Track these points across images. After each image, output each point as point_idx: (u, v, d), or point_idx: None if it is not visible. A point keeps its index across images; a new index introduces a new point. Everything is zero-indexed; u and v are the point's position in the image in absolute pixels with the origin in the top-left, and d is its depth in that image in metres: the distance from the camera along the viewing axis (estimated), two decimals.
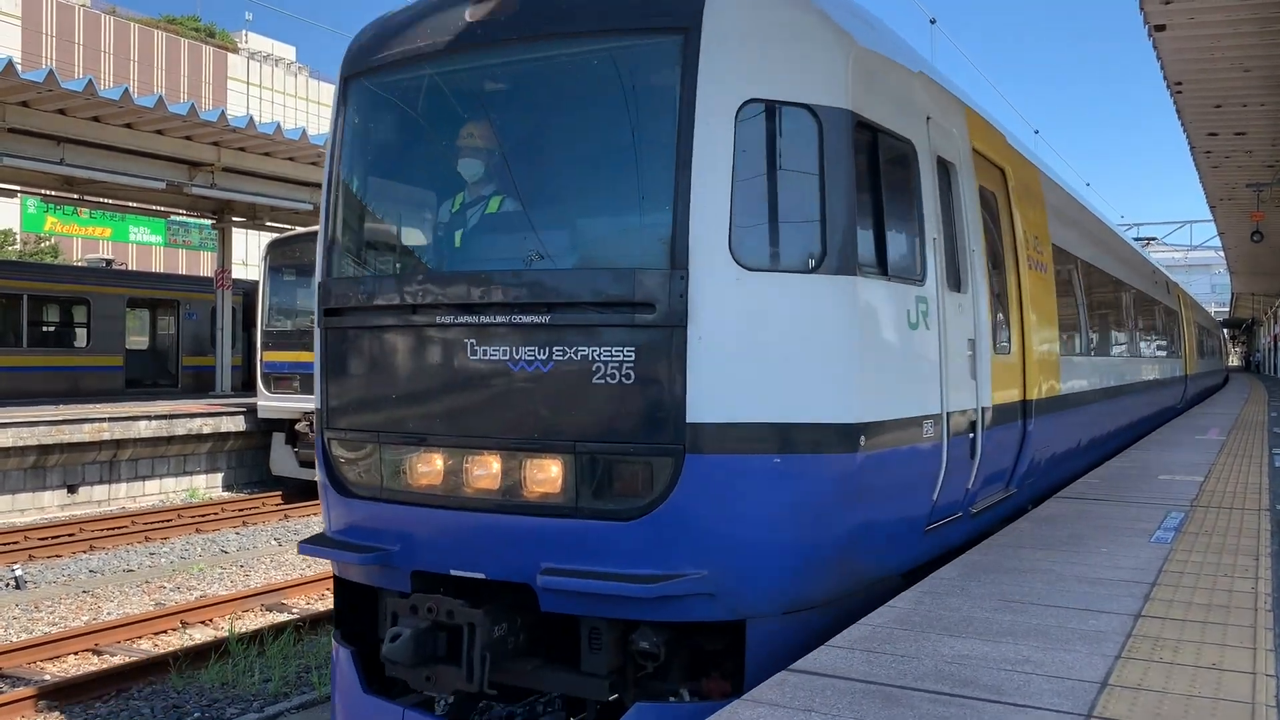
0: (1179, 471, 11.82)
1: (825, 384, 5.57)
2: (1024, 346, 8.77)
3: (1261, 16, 12.06)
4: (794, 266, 5.63)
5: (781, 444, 5.44)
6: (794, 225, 5.78)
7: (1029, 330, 8.91)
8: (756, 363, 5.44)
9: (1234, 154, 19.53)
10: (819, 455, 5.52)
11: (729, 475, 5.36)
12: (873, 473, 5.76)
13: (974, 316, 7.33)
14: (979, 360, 7.31)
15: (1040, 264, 9.72)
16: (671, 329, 5.34)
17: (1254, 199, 23.25)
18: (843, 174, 5.67)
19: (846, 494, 5.64)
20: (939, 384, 6.54)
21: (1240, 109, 16.20)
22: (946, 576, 6.36)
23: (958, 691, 4.28)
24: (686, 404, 5.29)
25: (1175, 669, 4.60)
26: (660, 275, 5.38)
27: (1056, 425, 9.96)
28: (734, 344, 5.41)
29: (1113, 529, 8.02)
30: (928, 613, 5.50)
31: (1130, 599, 5.82)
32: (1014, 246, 8.82)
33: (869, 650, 4.83)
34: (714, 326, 5.35)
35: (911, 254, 6.49)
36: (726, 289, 5.39)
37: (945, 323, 6.69)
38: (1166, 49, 13.31)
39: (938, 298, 6.61)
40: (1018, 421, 8.50)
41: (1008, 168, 8.96)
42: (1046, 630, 5.18)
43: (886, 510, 6.10)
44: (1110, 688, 4.35)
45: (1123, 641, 5.00)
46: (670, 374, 5.32)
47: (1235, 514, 8.80)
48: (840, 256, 5.60)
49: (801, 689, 4.31)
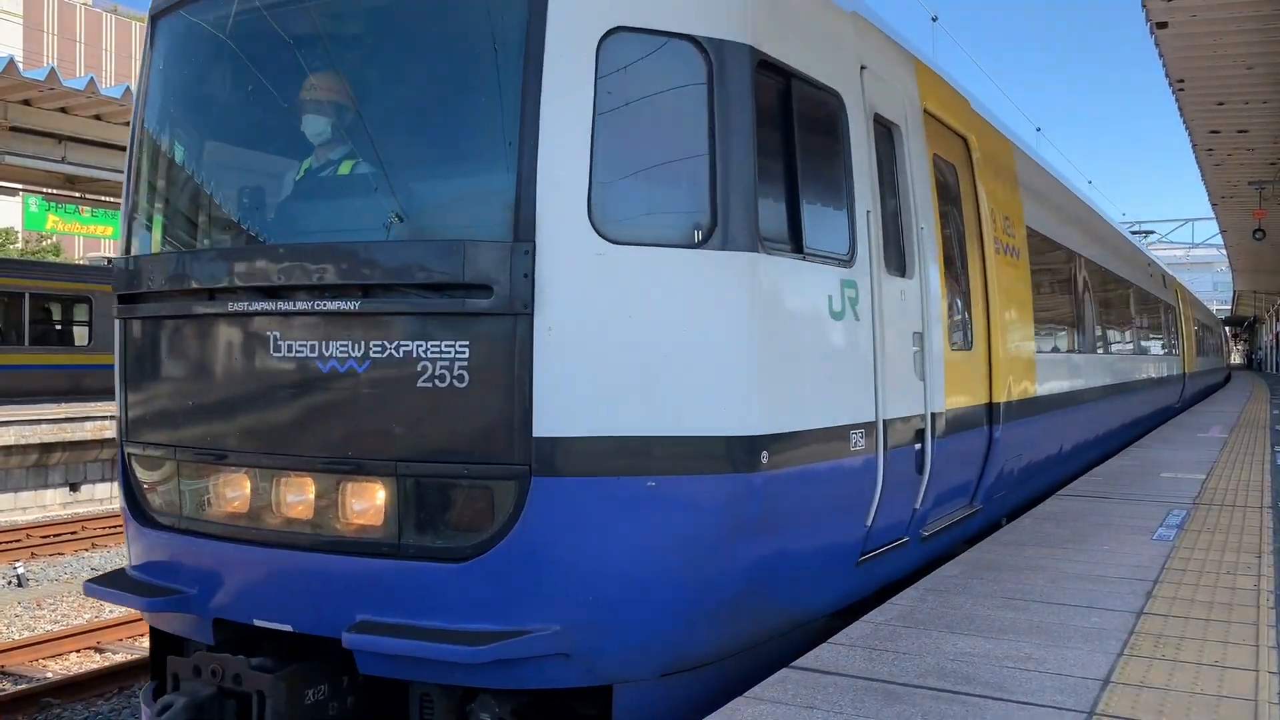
0: (1181, 469, 11.82)
1: (715, 388, 4.56)
2: (990, 342, 7.86)
3: (1263, 14, 12.04)
4: (674, 239, 4.59)
5: (658, 463, 4.43)
6: (675, 187, 4.74)
7: (996, 323, 7.98)
8: (625, 361, 4.43)
9: (1236, 151, 19.49)
10: (707, 477, 4.51)
11: (588, 503, 4.37)
12: (780, 496, 4.79)
13: (922, 306, 6.34)
14: (928, 358, 6.34)
15: (1012, 249, 8.77)
16: (514, 318, 4.32)
17: (1256, 196, 23.22)
18: (739, 124, 4.64)
19: (744, 524, 4.65)
20: (872, 386, 5.60)
21: (1242, 106, 16.17)
22: (949, 574, 6.35)
23: (960, 689, 4.28)
24: (533, 414, 4.29)
25: (1178, 666, 4.60)
26: (499, 250, 4.32)
27: (1032, 430, 9.02)
28: (595, 337, 4.41)
29: (1115, 526, 8.02)
30: (930, 610, 5.50)
31: (1133, 596, 5.81)
32: (978, 227, 7.88)
33: (871, 647, 4.83)
34: (568, 315, 4.36)
35: (836, 229, 5.46)
36: (585, 267, 4.39)
37: (882, 313, 5.72)
38: (1168, 46, 13.28)
39: (873, 283, 5.64)
40: (983, 428, 7.63)
41: (971, 137, 7.99)
42: (1049, 628, 5.18)
43: (801, 541, 5.11)
44: (1113, 685, 4.34)
45: (1125, 639, 4.99)
46: (512, 376, 4.31)
47: (1237, 512, 8.79)
48: (736, 228, 4.59)
49: (803, 686, 4.30)
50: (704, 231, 4.59)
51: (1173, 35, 12.81)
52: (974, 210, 7.90)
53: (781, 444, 4.77)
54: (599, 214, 4.43)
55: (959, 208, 7.59)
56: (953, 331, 7.11)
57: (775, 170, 4.99)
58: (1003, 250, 8.43)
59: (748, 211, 4.64)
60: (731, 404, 4.59)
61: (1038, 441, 9.43)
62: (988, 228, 8.01)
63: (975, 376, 7.49)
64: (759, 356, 4.66)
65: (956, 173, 7.60)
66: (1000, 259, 8.29)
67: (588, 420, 4.36)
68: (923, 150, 6.69)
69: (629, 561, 4.45)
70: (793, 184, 5.10)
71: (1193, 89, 15.22)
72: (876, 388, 5.63)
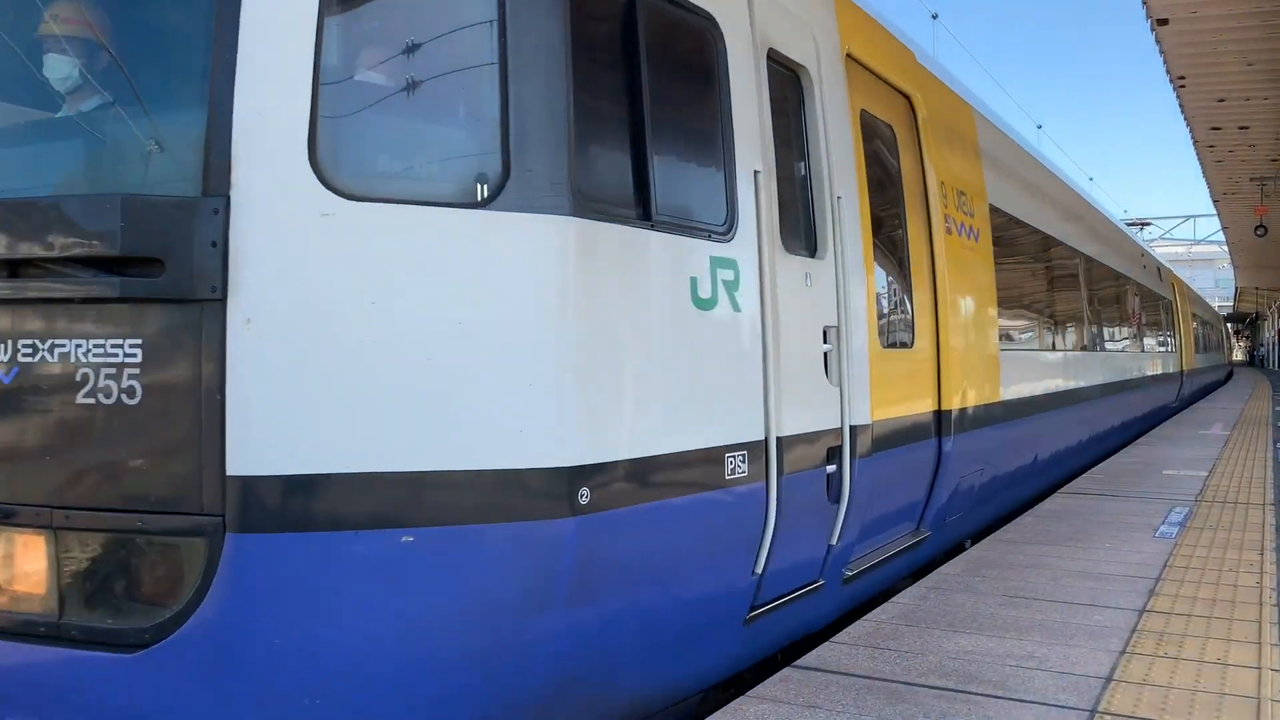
0: (1183, 466, 11.81)
1: (507, 403, 3.36)
2: (939, 338, 6.75)
3: (1264, 10, 12.03)
4: (445, 195, 3.43)
5: (419, 510, 3.25)
6: (446, 122, 3.63)
7: (948, 316, 6.83)
8: (365, 367, 3.23)
9: (1237, 148, 19.48)
10: (496, 527, 3.34)
11: (311, 569, 3.17)
12: (612, 545, 3.65)
13: (839, 294, 5.22)
14: (847, 357, 5.24)
15: (970, 229, 7.57)
16: (199, 306, 3.14)
17: (1258, 193, 23.21)
18: (545, 39, 3.46)
19: (555, 588, 3.48)
20: (760, 396, 4.43)
21: (1243, 103, 16.16)
22: (951, 572, 6.35)
23: (962, 687, 4.28)
24: (226, 443, 3.12)
25: (1180, 664, 4.59)
26: (172, 207, 3.14)
27: (996, 439, 7.86)
28: (319, 333, 3.21)
29: (1117, 524, 8.01)
30: (932, 608, 5.50)
31: (1135, 594, 5.81)
32: (923, 202, 6.75)
33: (873, 646, 4.83)
34: (279, 301, 3.18)
35: (707, 192, 4.30)
36: (305, 232, 3.21)
37: (776, 301, 4.57)
38: (1169, 43, 13.28)
39: (763, 263, 4.48)
40: (930, 440, 6.54)
41: (916, 95, 6.80)
42: (1051, 626, 5.18)
43: (653, 601, 3.97)
44: (1115, 683, 4.34)
45: (1128, 637, 4.99)
46: (197, 389, 3.14)
47: (1240, 509, 8.79)
48: (539, 181, 3.40)
49: (806, 685, 4.30)
50: (491, 185, 3.40)
51: (1173, 32, 12.81)
52: (918, 181, 6.74)
53: (611, 476, 3.58)
54: (328, 158, 3.22)
55: (898, 177, 6.43)
56: (886, 326, 6.08)
57: (610, 109, 3.84)
58: (957, 230, 7.22)
59: (557, 159, 3.43)
60: (532, 425, 3.37)
61: (1004, 452, 8.28)
62: (936, 203, 6.84)
63: (918, 379, 6.41)
64: (575, 358, 3.45)
65: (895, 135, 6.45)
66: (953, 240, 7.10)
67: (309, 452, 3.14)
68: (843, 103, 5.51)
69: (374, 651, 3.23)
70: (638, 130, 3.89)
71: (1194, 86, 15.21)
72: (767, 397, 4.46)
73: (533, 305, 3.44)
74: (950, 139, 7.46)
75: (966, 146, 7.92)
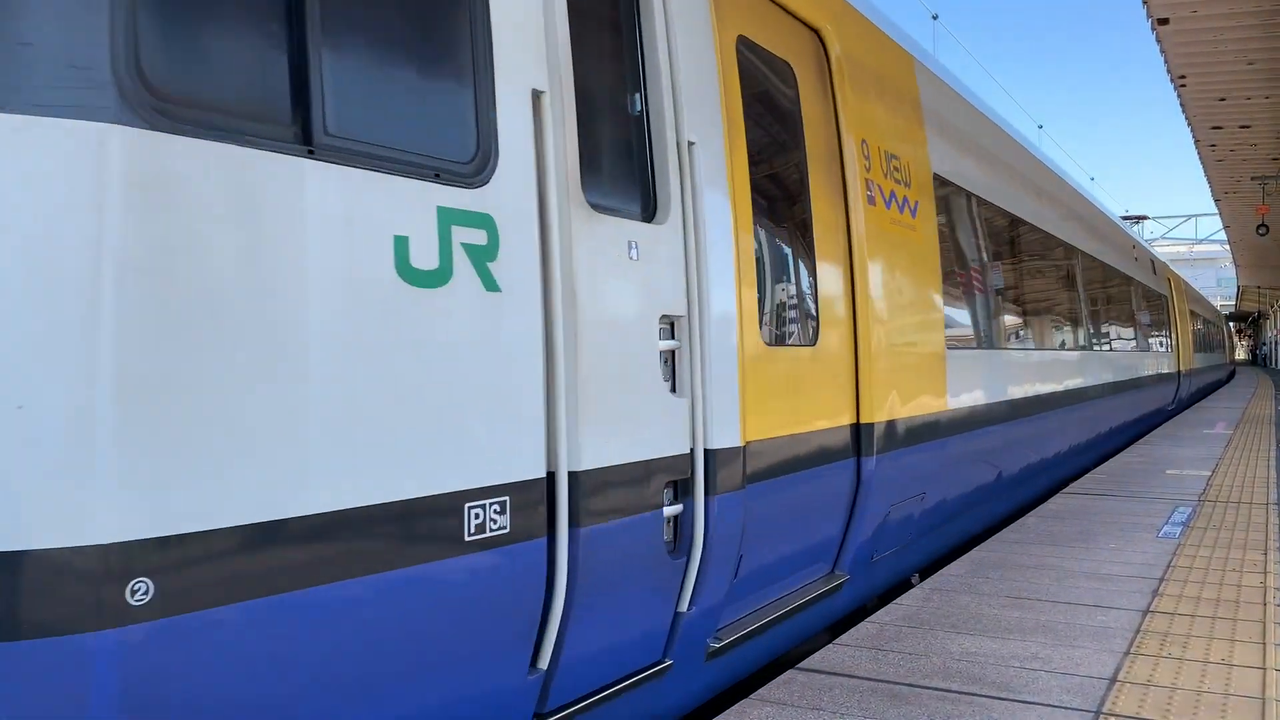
0: (1186, 466, 11.80)
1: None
2: (858, 333, 5.53)
3: (1264, 9, 12.02)
4: None
5: None
6: None
7: (870, 305, 5.59)
8: None
9: (1238, 147, 19.47)
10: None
11: None
12: (218, 671, 2.35)
13: (693, 272, 3.96)
14: (701, 357, 3.99)
15: (904, 202, 6.27)
16: None
17: (1259, 192, 23.19)
18: None
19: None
20: (539, 414, 3.21)
21: (1244, 102, 16.15)
22: (954, 574, 6.34)
23: (966, 689, 4.27)
24: None
25: (1185, 665, 4.58)
26: None
27: (940, 457, 6.60)
28: None
29: (1120, 524, 8.00)
30: (935, 610, 5.49)
31: (1138, 595, 5.80)
32: (835, 161, 5.50)
33: (876, 648, 4.82)
34: None
35: (436, 110, 3.03)
36: None
37: (574, 277, 3.40)
38: (1170, 43, 13.27)
39: (545, 222, 3.30)
40: (845, 461, 5.33)
41: (828, 29, 5.54)
42: (1055, 627, 5.17)
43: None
44: (1119, 684, 4.33)
45: (1131, 637, 4.98)
46: None
47: (1243, 508, 8.78)
48: (53, 63, 2.21)
49: (809, 687, 4.29)
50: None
51: (1174, 31, 12.80)
52: (828, 136, 5.46)
53: (199, 556, 2.30)
54: None
55: (798, 128, 5.17)
56: (773, 317, 4.79)
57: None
58: (884, 200, 5.92)
59: (88, 25, 2.21)
60: (39, 477, 2.13)
61: (955, 471, 7.02)
62: (855, 164, 5.57)
63: (826, 385, 5.16)
64: (123, 362, 2.20)
65: (796, 76, 5.20)
66: (877, 213, 5.80)
67: None
68: (704, 22, 4.27)
69: None
70: (292, 10, 2.64)
71: (1194, 85, 15.20)
72: (553, 416, 3.28)
73: (41, 275, 2.14)
74: (879, 90, 6.10)
75: (903, 102, 6.54)
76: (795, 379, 4.86)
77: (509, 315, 3.12)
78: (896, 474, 5.86)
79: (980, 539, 8.42)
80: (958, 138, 7.79)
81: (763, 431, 4.51)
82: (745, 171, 4.54)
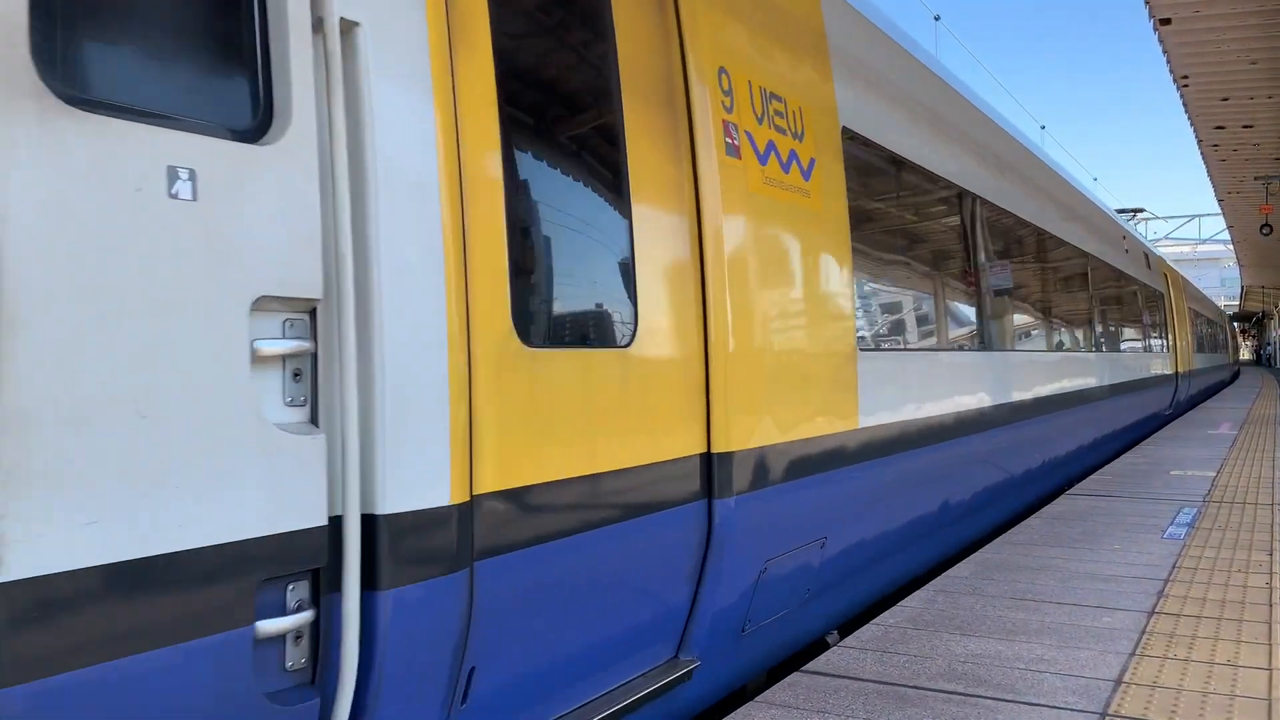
0: (1191, 466, 11.78)
1: None
2: (709, 329, 4.08)
3: (1267, 9, 12.01)
4: None
5: None
6: None
7: (726, 290, 4.14)
8: None
9: (1241, 147, 19.45)
10: None
11: None
12: None
13: (349, 222, 2.60)
14: (359, 367, 2.67)
15: (790, 158, 4.78)
16: None
17: (1263, 191, 23.17)
18: None
19: None
20: None
21: (1247, 101, 16.14)
22: (959, 575, 6.34)
23: (971, 691, 4.26)
24: None
25: (1190, 666, 4.57)
26: None
27: (846, 490, 5.16)
28: None
29: (1125, 525, 7.99)
30: (940, 611, 5.48)
31: (1144, 596, 5.79)
32: (676, 91, 4.10)
33: (881, 650, 4.82)
34: None
35: None
36: None
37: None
38: (1172, 43, 13.26)
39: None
40: (688, 505, 3.94)
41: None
42: (1060, 628, 5.16)
43: None
44: (1125, 685, 4.32)
45: (1137, 639, 4.97)
46: None
47: (1249, 509, 8.76)
48: None
49: (814, 690, 4.29)
50: None
51: (1176, 31, 12.79)
52: (661, 55, 4.04)
53: None
54: None
55: (602, 35, 3.76)
56: (541, 303, 3.42)
57: None
58: (757, 154, 4.47)
59: None
60: None
61: (872, 505, 5.58)
62: (707, 101, 4.14)
63: (648, 402, 3.75)
64: None
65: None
66: (743, 169, 4.33)
67: None
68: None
69: None
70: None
71: (1197, 85, 15.19)
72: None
73: None
74: (756, 5, 4.71)
75: (797, 29, 5.10)
76: (590, 395, 3.45)
77: None
78: (775, 517, 4.45)
79: (912, 588, 7.32)
80: (884, 88, 6.27)
81: (519, 476, 3.12)
82: (486, 83, 3.12)
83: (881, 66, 6.34)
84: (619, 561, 3.62)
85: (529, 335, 3.28)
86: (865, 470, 5.40)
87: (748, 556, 4.32)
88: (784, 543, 4.62)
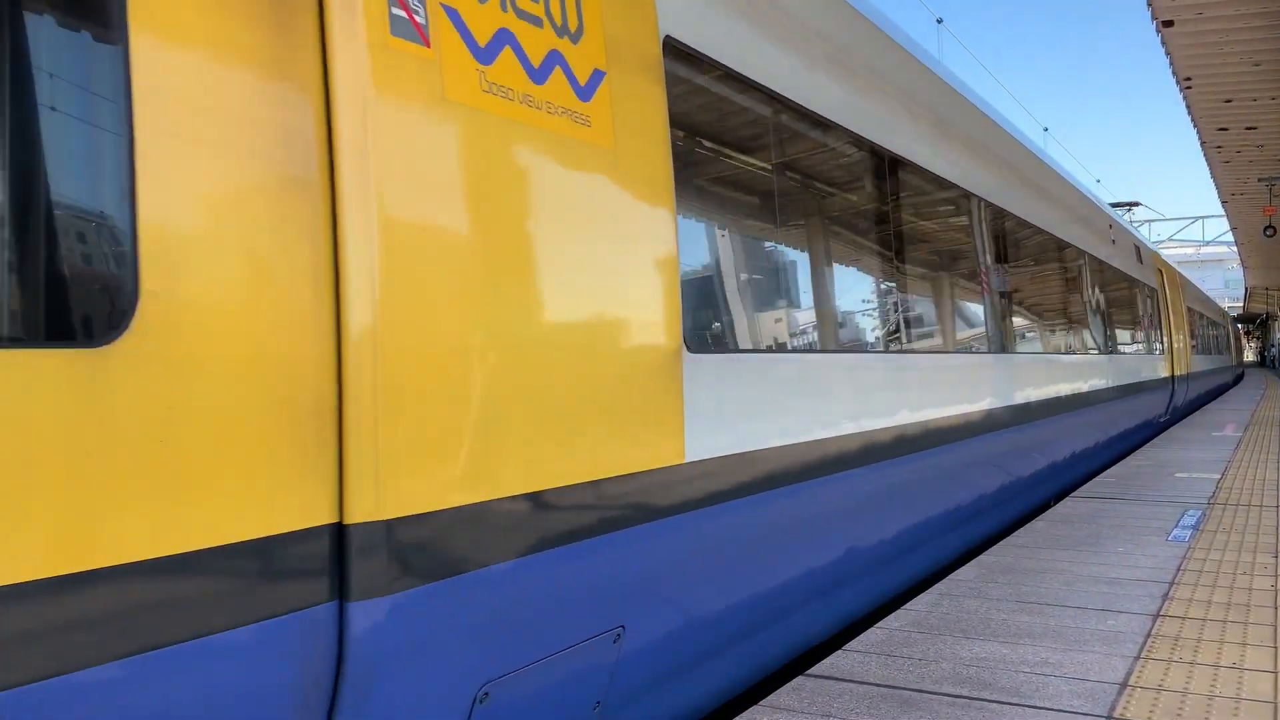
0: (1195, 469, 11.76)
1: None
2: (342, 320, 2.52)
3: (1270, 10, 12.01)
4: None
5: None
6: None
7: (388, 245, 2.59)
8: None
9: (1245, 148, 19.43)
10: None
11: None
12: None
13: None
14: None
15: (547, 64, 3.22)
16: None
17: (1266, 193, 23.14)
18: None
19: None
20: None
21: (1250, 103, 16.13)
22: (964, 578, 6.33)
23: (976, 694, 4.25)
24: None
25: (1196, 669, 4.56)
26: None
27: (663, 552, 3.69)
28: None
29: (1130, 528, 7.98)
30: (945, 615, 5.47)
31: (1149, 599, 5.78)
32: None
33: (886, 654, 4.81)
34: None
35: None
36: None
37: None
38: (1175, 44, 13.25)
39: None
40: (297, 617, 2.38)
41: None
42: (1065, 631, 5.15)
43: None
44: (1130, 689, 4.31)
45: (1142, 642, 4.96)
46: None
47: (1254, 511, 8.74)
48: None
49: (819, 694, 4.28)
50: None
51: (1179, 33, 12.78)
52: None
53: None
54: None
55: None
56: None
57: None
58: (473, 46, 2.95)
59: None
60: None
61: (697, 574, 3.98)
62: None
63: (166, 437, 2.12)
64: None
65: None
66: (431, 63, 2.79)
67: None
68: None
69: None
70: None
71: (1200, 87, 15.18)
72: None
73: None
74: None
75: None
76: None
77: None
78: (500, 613, 2.96)
79: (825, 650, 6.09)
80: (786, 23, 4.84)
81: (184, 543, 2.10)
82: None
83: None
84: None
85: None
86: (693, 521, 3.83)
87: (433, 686, 2.77)
88: (528, 648, 3.11)
